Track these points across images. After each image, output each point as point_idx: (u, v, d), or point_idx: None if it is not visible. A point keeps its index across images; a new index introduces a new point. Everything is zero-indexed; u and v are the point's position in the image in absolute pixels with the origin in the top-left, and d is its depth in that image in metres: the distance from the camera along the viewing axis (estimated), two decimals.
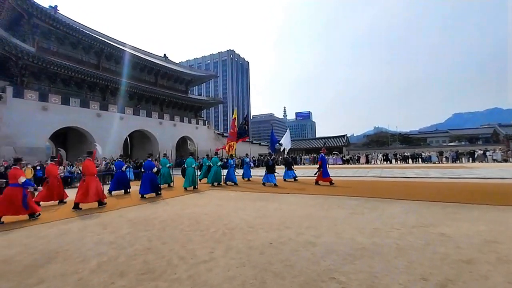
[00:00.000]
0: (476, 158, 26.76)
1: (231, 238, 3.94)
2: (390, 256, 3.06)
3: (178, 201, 7.79)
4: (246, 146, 47.12)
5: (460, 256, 2.99)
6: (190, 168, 10.56)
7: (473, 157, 27.18)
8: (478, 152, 27.49)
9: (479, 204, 5.69)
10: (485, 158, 26.10)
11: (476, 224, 4.23)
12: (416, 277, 2.54)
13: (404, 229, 4.08)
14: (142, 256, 3.34)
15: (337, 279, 2.56)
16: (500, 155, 25.86)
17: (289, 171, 12.13)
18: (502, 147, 31.12)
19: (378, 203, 6.34)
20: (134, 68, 31.00)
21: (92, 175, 7.35)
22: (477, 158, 26.62)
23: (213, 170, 11.38)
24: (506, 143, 34.06)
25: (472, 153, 27.81)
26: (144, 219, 5.42)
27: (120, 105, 27.12)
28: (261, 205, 6.59)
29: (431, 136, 60.41)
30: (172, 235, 4.20)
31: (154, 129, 29.95)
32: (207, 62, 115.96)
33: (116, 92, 27.28)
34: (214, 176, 11.30)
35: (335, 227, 4.34)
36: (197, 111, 39.46)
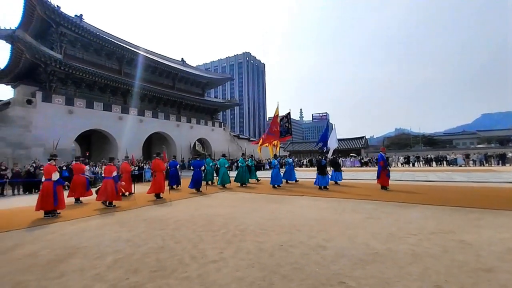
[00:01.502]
0: (506, 161, 25.07)
1: (242, 240, 3.98)
2: (404, 263, 2.95)
3: (193, 202, 7.95)
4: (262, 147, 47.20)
5: (480, 264, 2.84)
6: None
7: (504, 160, 25.46)
8: (510, 155, 25.73)
9: (505, 210, 5.35)
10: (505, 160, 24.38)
11: (500, 231, 3.99)
12: (430, 284, 2.44)
13: (421, 235, 3.92)
14: (156, 254, 3.45)
15: (346, 284, 2.51)
16: None
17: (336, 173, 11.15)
18: None
19: (396, 207, 6.13)
20: (153, 72, 32.05)
21: (161, 171, 8.83)
22: (508, 161, 24.93)
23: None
24: None
25: (503, 156, 26.05)
26: (159, 219, 5.59)
27: (140, 108, 28.14)
28: (274, 208, 6.58)
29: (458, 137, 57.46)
30: (185, 235, 4.30)
31: (171, 131, 30.76)
32: (223, 65, 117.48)
33: (137, 96, 28.31)
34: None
35: (348, 231, 4.25)
36: (213, 113, 40.05)
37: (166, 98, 30.92)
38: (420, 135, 61.19)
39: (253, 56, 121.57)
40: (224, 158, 12.43)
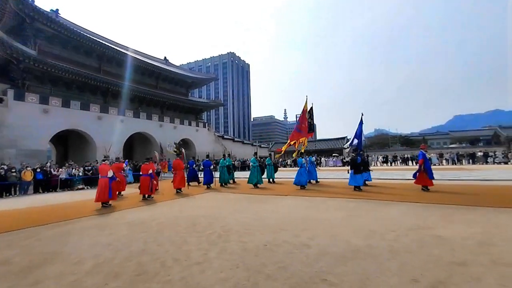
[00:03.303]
0: (476, 160, 26.69)
1: (227, 240, 3.96)
2: (383, 258, 3.06)
3: (177, 203, 7.82)
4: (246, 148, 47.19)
5: (454, 258, 3.00)
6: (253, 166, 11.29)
7: (473, 158, 27.10)
8: (479, 154, 27.41)
9: (476, 206, 5.68)
10: (485, 160, 26.02)
11: (472, 226, 4.23)
12: (407, 279, 2.54)
13: (399, 231, 4.08)
14: (137, 258, 3.36)
15: (329, 281, 2.57)
16: (501, 157, 25.77)
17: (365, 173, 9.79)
18: (503, 149, 31.01)
19: (377, 205, 6.34)
20: (135, 71, 31.16)
21: (181, 170, 10.50)
22: (477, 160, 26.54)
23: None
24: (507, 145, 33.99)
25: (473, 155, 27.72)
26: (141, 222, 5.44)
27: (120, 108, 27.25)
28: (259, 207, 6.60)
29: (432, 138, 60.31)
30: (168, 237, 4.22)
31: (154, 131, 30.06)
32: (208, 65, 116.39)
33: (117, 95, 27.39)
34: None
35: (331, 229, 4.35)
36: (198, 114, 39.55)
37: (148, 98, 30.15)
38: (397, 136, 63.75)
39: (237, 56, 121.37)
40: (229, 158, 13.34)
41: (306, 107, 11.81)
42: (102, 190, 7.29)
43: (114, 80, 26.50)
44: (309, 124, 11.75)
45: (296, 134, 11.73)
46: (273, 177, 12.86)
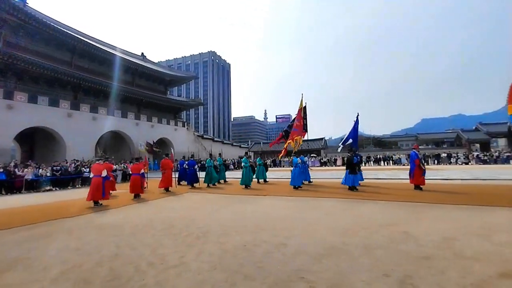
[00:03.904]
0: (441, 160, 28.68)
1: (205, 242, 3.90)
2: (357, 255, 3.19)
3: (152, 205, 7.57)
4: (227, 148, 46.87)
5: (420, 253, 3.19)
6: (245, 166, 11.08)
7: (438, 159, 29.11)
8: (443, 155, 29.47)
9: (441, 204, 6.08)
10: (449, 161, 28.02)
11: (437, 222, 4.53)
12: (379, 274, 2.67)
13: (372, 228, 4.27)
14: (109, 263, 3.21)
15: (306, 278, 2.62)
16: (462, 158, 27.86)
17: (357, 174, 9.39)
18: (465, 151, 33.55)
19: (351, 204, 6.58)
20: (109, 66, 29.76)
21: (170, 169, 10.54)
22: (442, 161, 28.53)
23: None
24: (467, 147, 36.80)
25: (438, 156, 29.76)
26: (113, 224, 5.21)
27: (93, 105, 25.91)
28: (237, 208, 6.59)
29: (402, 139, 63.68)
30: (143, 240, 4.07)
31: (130, 130, 28.91)
32: (188, 63, 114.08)
33: (89, 91, 26.00)
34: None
35: (309, 228, 4.45)
36: (176, 113, 38.62)
37: (124, 95, 28.89)
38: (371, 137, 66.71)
39: (218, 55, 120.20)
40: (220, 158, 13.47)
41: (302, 105, 11.70)
42: (95, 189, 7.34)
43: (86, 75, 25.10)
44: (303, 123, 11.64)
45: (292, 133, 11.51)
46: (265, 177, 12.85)
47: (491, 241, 3.49)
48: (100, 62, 28.51)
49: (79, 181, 14.83)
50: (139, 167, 9.18)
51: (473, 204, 5.89)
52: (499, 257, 2.96)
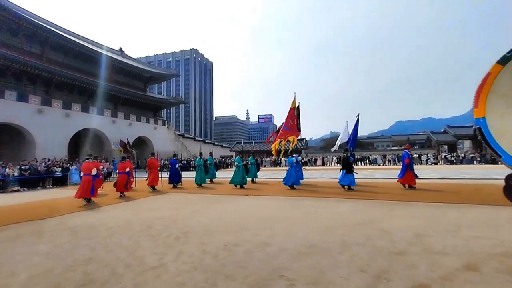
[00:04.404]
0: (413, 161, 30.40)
1: (185, 243, 3.84)
2: (336, 252, 3.29)
3: (129, 206, 7.31)
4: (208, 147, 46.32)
5: (394, 248, 3.35)
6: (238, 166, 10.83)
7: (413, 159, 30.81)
8: (415, 156, 31.18)
9: (413, 202, 6.43)
10: (420, 161, 29.78)
11: (409, 219, 4.78)
12: (356, 269, 2.77)
13: (350, 226, 4.42)
14: (82, 267, 3.06)
15: (286, 277, 2.66)
16: (432, 159, 29.70)
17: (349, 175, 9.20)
18: (434, 152, 35.66)
19: (331, 202, 6.77)
20: (85, 60, 28.35)
21: (156, 168, 10.79)
22: (414, 161, 30.20)
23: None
24: (437, 148, 39.13)
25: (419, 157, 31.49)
26: (88, 226, 4.97)
27: (66, 101, 24.55)
28: (219, 208, 6.54)
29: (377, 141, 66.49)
30: (119, 243, 3.92)
31: (106, 128, 27.69)
32: (168, 60, 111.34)
33: (62, 86, 24.58)
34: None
35: (290, 227, 4.51)
36: (156, 111, 37.58)
37: (100, 91, 27.66)
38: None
39: (201, 53, 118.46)
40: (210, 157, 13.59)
41: (295, 104, 11.52)
42: (85, 187, 7.52)
43: (59, 69, 23.73)
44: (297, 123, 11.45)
45: (283, 132, 11.33)
46: (256, 176, 12.81)
47: (458, 237, 3.73)
48: (74, 56, 27.10)
49: (50, 181, 13.99)
50: (125, 166, 9.27)
51: (442, 202, 6.29)
52: (464, 251, 3.18)
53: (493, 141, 1.90)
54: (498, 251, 3.16)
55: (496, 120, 1.89)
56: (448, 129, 41.00)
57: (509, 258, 2.94)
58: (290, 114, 11.36)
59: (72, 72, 25.00)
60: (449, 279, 2.50)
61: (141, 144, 33.38)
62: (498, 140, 1.88)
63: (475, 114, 1.95)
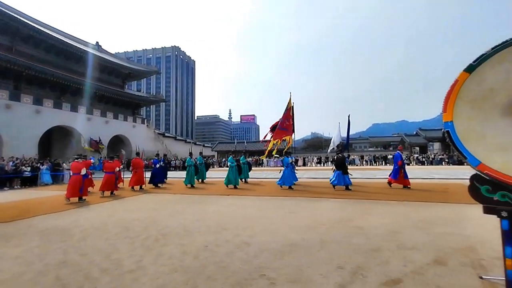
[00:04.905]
0: (388, 161, 32.05)
1: (164, 244, 3.76)
2: (315, 250, 3.37)
3: (105, 207, 7.03)
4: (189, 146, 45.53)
5: (370, 245, 3.49)
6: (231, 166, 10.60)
7: (386, 160, 32.51)
8: (390, 157, 32.88)
9: (388, 201, 6.74)
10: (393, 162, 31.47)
11: (384, 217, 5.01)
12: (334, 266, 2.86)
13: (328, 225, 4.55)
14: (55, 271, 2.91)
15: (267, 276, 2.69)
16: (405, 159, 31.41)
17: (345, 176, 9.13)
18: (407, 153, 37.57)
19: (311, 202, 6.92)
20: (58, 54, 26.87)
21: (141, 168, 10.74)
22: (389, 162, 31.86)
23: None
24: (409, 149, 41.28)
25: (385, 157, 33.20)
26: (60, 229, 4.72)
27: (37, 96, 23.10)
28: (199, 208, 6.47)
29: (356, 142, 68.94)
30: (94, 246, 3.77)
31: (80, 125, 26.37)
32: (149, 56, 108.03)
33: (33, 81, 23.15)
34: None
35: (270, 227, 4.56)
36: (135, 109, 36.41)
37: (74, 86, 26.33)
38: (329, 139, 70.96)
39: (183, 51, 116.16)
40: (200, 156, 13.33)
41: (291, 104, 11.45)
42: (75, 186, 7.62)
43: (29, 62, 22.29)
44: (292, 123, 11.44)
45: (279, 132, 11.26)
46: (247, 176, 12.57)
47: (428, 233, 3.97)
48: (47, 49, 25.63)
49: (18, 182, 13.10)
50: (113, 166, 9.42)
51: (413, 200, 6.65)
52: (434, 247, 3.39)
53: (459, 143, 2.04)
54: (463, 246, 3.40)
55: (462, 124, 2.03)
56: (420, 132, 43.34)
57: (473, 252, 3.18)
58: (286, 114, 11.36)
59: (45, 66, 23.60)
60: (420, 273, 2.66)
61: (119, 143, 32.17)
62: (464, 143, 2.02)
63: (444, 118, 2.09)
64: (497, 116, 1.90)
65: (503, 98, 1.89)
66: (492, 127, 1.92)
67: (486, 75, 1.95)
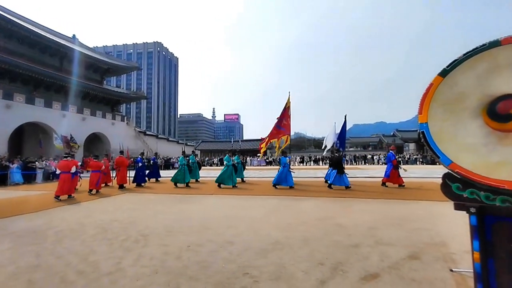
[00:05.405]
0: (367, 161, 33.30)
1: (145, 245, 3.66)
2: (297, 247, 3.43)
3: (82, 208, 6.73)
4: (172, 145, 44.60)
5: (350, 242, 3.61)
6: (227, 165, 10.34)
7: (365, 160, 33.78)
8: (369, 157, 34.23)
9: (366, 198, 6.99)
10: (373, 161, 32.77)
11: (363, 214, 5.19)
12: (315, 263, 2.93)
13: (310, 222, 4.64)
14: (27, 275, 2.75)
15: (250, 274, 2.70)
16: (383, 159, 32.77)
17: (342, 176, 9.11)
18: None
19: (294, 201, 7.02)
20: (31, 46, 25.30)
21: (124, 166, 10.70)
22: (368, 161, 33.14)
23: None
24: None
25: (365, 157, 34.45)
26: (33, 231, 4.47)
27: (7, 91, 21.63)
28: (182, 208, 6.37)
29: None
30: (70, 248, 3.60)
31: (54, 122, 25.01)
32: (129, 51, 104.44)
33: (3, 74, 21.66)
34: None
35: (254, 225, 4.58)
36: (114, 105, 35.07)
37: (48, 81, 24.94)
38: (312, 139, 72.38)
39: (165, 47, 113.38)
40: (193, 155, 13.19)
41: (289, 103, 11.31)
42: (64, 184, 7.87)
43: None
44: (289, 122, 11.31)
45: (276, 132, 11.12)
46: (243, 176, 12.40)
47: (404, 229, 4.16)
48: (19, 40, 24.09)
49: None
50: (100, 165, 9.62)
51: (391, 198, 6.94)
52: (409, 242, 3.55)
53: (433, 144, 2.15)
54: (435, 241, 3.59)
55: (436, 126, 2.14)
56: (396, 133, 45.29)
57: (444, 246, 3.37)
58: (284, 113, 11.27)
59: (16, 58, 22.15)
60: (396, 268, 2.78)
61: (96, 141, 30.91)
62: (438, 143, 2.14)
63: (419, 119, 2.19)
64: (467, 119, 2.03)
65: (472, 102, 2.01)
66: (462, 128, 2.04)
67: (458, 80, 2.07)
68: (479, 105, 1.99)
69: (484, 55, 1.98)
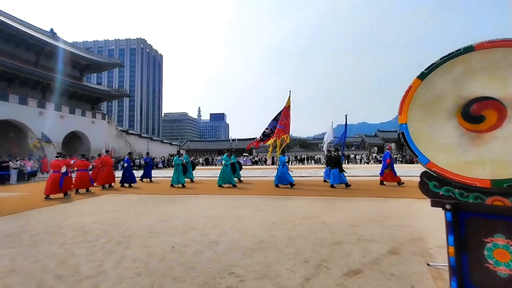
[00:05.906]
0: (350, 160, 34.22)
1: (128, 247, 3.57)
2: (282, 246, 3.47)
3: (59, 210, 6.45)
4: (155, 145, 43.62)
5: (333, 239, 3.69)
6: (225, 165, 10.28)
7: (348, 159, 34.70)
8: (352, 156, 35.13)
9: (350, 197, 7.17)
10: (355, 161, 33.72)
11: (346, 212, 5.32)
12: (300, 261, 2.97)
13: (295, 221, 4.70)
14: (2, 280, 2.62)
15: (236, 273, 2.71)
16: (365, 159, 33.84)
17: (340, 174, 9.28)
18: (367, 153, 40.37)
19: (278, 200, 7.08)
20: (6, 41, 23.89)
21: (109, 166, 10.67)
22: (351, 161, 34.06)
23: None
24: (369, 149, 44.41)
25: (348, 156, 35.33)
26: (6, 235, 4.23)
27: None
28: (166, 208, 6.25)
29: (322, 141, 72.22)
30: (47, 251, 3.45)
31: (30, 120, 23.79)
32: (111, 48, 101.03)
33: None
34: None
35: (239, 225, 4.58)
36: (95, 103, 33.84)
37: (23, 77, 23.64)
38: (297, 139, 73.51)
39: (149, 44, 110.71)
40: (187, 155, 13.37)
41: (290, 102, 11.31)
42: (54, 183, 8.00)
43: None
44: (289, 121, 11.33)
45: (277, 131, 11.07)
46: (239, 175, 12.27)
47: (385, 226, 4.31)
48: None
49: None
50: (88, 164, 9.82)
51: (372, 196, 7.17)
52: (389, 238, 3.69)
53: (412, 143, 2.25)
54: (414, 236, 3.75)
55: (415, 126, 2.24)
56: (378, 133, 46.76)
57: (422, 242, 3.52)
58: (284, 112, 11.26)
59: None
60: (377, 263, 2.88)
61: (74, 140, 29.70)
62: (416, 143, 2.24)
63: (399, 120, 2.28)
64: (443, 120, 2.13)
65: (448, 104, 2.12)
66: (439, 129, 2.15)
67: (435, 82, 2.18)
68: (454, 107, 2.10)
69: (459, 60, 2.10)
